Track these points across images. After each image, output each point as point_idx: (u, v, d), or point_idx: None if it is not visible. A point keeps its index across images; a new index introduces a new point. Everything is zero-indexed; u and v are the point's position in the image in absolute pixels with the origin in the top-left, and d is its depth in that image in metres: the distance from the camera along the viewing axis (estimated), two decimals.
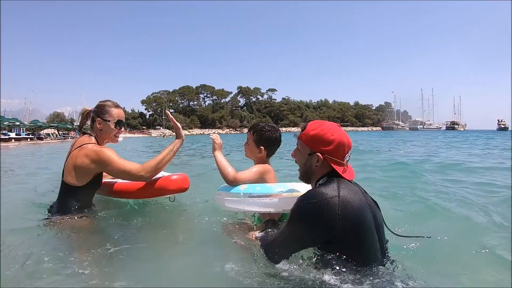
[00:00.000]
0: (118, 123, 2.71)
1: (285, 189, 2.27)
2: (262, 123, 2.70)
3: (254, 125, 2.70)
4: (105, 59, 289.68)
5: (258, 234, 2.16)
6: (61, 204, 2.59)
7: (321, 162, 1.79)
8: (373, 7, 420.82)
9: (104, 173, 2.75)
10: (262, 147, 2.60)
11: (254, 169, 2.52)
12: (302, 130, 1.90)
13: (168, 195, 2.82)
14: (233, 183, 2.40)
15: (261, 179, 2.49)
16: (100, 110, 2.67)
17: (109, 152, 2.50)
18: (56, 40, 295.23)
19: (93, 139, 2.61)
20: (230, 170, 2.43)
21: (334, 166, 1.75)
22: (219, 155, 2.56)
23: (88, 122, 2.75)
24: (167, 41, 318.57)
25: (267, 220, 2.28)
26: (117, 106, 2.74)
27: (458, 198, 3.86)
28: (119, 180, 2.85)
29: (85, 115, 2.76)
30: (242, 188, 2.35)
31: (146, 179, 2.56)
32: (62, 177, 2.56)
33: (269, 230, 2.12)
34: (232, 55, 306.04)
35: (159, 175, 2.73)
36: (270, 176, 2.55)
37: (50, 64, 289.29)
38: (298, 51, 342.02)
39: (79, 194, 2.56)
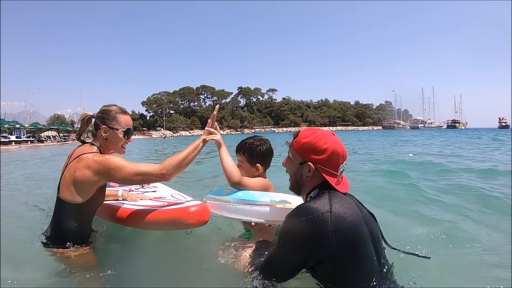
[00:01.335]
0: (127, 132, 2.32)
1: (280, 199, 2.15)
2: (248, 139, 2.56)
3: (241, 145, 2.56)
4: (105, 60, 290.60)
5: (249, 254, 2.03)
6: (56, 226, 2.21)
7: (312, 172, 1.68)
8: (373, 6, 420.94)
9: (106, 193, 2.46)
10: (258, 164, 2.50)
11: (259, 181, 2.41)
12: (294, 138, 1.78)
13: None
14: (235, 185, 2.28)
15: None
16: (106, 116, 2.28)
17: (114, 158, 2.13)
18: (56, 42, 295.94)
19: (94, 148, 2.23)
20: (235, 171, 2.29)
21: (327, 177, 1.64)
22: (224, 153, 2.38)
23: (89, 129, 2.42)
24: (167, 42, 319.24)
25: (259, 241, 2.10)
26: (125, 112, 2.36)
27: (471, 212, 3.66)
28: (125, 205, 2.52)
29: (85, 120, 2.36)
30: (236, 194, 2.23)
31: (168, 179, 2.18)
32: (58, 193, 2.16)
33: (261, 252, 1.93)
34: (233, 56, 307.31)
35: (173, 202, 2.42)
36: (271, 192, 2.42)
37: (50, 66, 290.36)
38: (298, 51, 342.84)
39: (78, 212, 2.17)
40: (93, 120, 2.35)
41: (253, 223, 2.26)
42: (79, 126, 2.40)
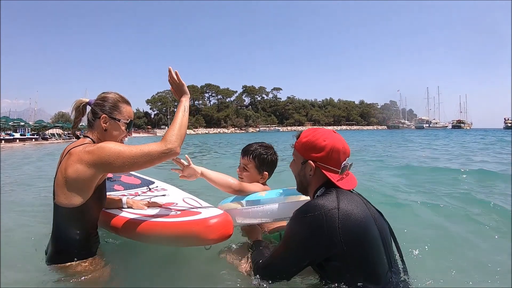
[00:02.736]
0: (130, 125, 2.08)
1: (291, 193, 2.09)
2: (259, 146, 2.47)
3: (251, 150, 2.45)
4: (110, 59, 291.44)
5: (250, 255, 1.98)
6: (57, 237, 1.93)
7: (314, 171, 1.68)
8: (378, 6, 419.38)
9: (108, 200, 2.23)
10: (265, 172, 2.44)
11: (259, 186, 2.34)
12: (297, 138, 1.80)
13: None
14: (237, 192, 2.20)
15: None
16: (107, 104, 2.00)
17: (109, 144, 1.82)
18: (61, 40, 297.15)
19: (87, 140, 1.94)
20: (231, 180, 2.21)
21: (328, 174, 1.63)
22: (208, 172, 2.25)
23: (85, 119, 2.10)
24: (172, 41, 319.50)
25: (255, 241, 2.08)
26: (127, 102, 2.09)
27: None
28: (130, 214, 2.20)
29: (81, 108, 2.07)
30: (249, 197, 2.14)
31: (176, 151, 1.85)
32: (53, 198, 1.88)
33: (260, 250, 1.92)
34: (237, 54, 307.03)
35: (187, 210, 2.11)
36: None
37: (55, 64, 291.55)
38: (302, 50, 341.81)
39: (77, 218, 1.88)
40: (88, 108, 2.06)
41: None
42: (73, 115, 2.10)
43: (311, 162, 1.66)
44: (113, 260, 2.14)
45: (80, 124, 2.18)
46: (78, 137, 2.05)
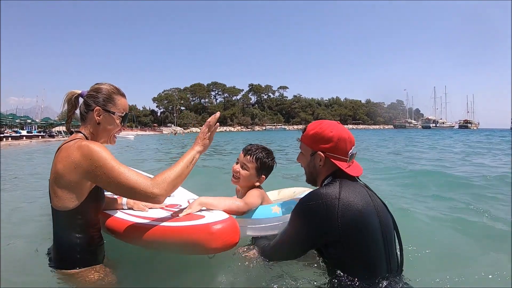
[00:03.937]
0: (125, 118, 1.92)
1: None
2: (262, 150, 2.41)
3: (255, 151, 2.38)
4: (116, 56, 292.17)
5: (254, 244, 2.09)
6: (56, 243, 1.80)
7: (323, 161, 1.74)
8: (384, 6, 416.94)
9: (107, 200, 2.08)
10: (263, 176, 2.41)
11: (257, 193, 2.30)
12: (303, 132, 1.87)
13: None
14: (246, 212, 2.13)
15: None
16: (101, 96, 1.84)
17: (103, 150, 1.64)
18: (68, 38, 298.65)
19: (79, 135, 1.80)
20: (236, 202, 2.10)
21: (337, 163, 1.70)
22: (205, 200, 2.02)
23: (78, 112, 1.92)
24: (178, 39, 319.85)
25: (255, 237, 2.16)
26: (122, 94, 1.93)
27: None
28: (130, 216, 2.02)
29: (73, 100, 1.90)
30: (261, 214, 2.14)
31: (159, 200, 1.65)
32: (50, 202, 1.75)
33: (263, 239, 2.06)
34: (244, 53, 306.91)
35: (193, 216, 1.84)
36: (267, 199, 2.40)
37: (62, 62, 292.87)
38: (309, 49, 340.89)
39: (74, 222, 1.73)
40: (81, 100, 1.89)
41: None
42: (65, 108, 1.93)
43: (320, 153, 1.73)
44: (120, 266, 2.05)
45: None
46: (72, 133, 1.88)
